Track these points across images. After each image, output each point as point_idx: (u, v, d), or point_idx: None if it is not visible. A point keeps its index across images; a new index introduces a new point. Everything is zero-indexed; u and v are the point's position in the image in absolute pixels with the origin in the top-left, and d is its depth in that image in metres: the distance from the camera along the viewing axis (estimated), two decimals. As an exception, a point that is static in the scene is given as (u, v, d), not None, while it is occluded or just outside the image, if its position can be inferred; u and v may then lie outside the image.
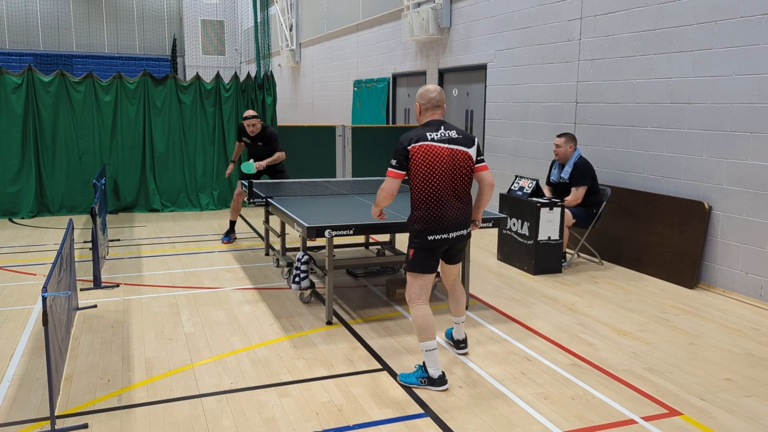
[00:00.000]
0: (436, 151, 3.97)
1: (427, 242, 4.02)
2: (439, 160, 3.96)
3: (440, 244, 4.04)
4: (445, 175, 3.97)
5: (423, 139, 3.97)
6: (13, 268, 6.86)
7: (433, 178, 3.96)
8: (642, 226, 6.97)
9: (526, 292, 6.17)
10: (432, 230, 4.00)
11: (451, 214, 4.01)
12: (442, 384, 4.02)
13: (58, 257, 3.93)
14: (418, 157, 3.95)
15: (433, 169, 3.95)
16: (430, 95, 4.10)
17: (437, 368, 4.03)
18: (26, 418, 3.64)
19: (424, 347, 4.04)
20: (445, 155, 3.97)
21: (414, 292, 4.11)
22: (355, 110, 14.87)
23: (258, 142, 8.07)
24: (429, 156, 3.95)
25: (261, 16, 12.02)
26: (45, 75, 9.74)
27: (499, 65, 9.49)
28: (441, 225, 4.00)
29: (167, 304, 5.71)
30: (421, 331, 4.04)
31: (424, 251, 4.05)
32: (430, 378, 4.03)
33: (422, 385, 4.04)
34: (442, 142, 4.00)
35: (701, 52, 6.35)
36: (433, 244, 4.03)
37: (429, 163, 3.95)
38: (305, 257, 5.57)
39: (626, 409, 3.81)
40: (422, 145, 3.96)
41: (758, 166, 5.87)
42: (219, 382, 4.13)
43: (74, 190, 9.98)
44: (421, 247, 4.05)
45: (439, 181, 3.96)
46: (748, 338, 5.01)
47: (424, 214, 4.00)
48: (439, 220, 3.99)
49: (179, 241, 8.28)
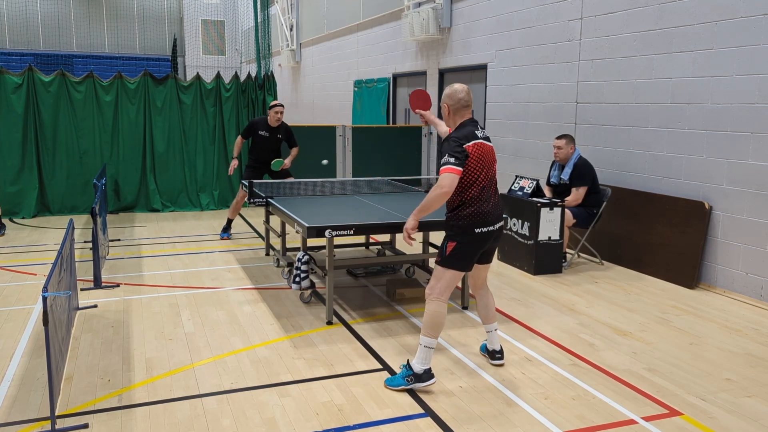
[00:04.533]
0: (485, 148, 4.03)
1: (474, 235, 3.99)
2: (488, 157, 4.04)
3: (487, 236, 4.04)
4: (490, 171, 4.06)
5: (474, 137, 3.99)
6: (14, 268, 6.86)
7: (484, 175, 4.00)
8: (642, 226, 6.97)
9: (527, 292, 6.17)
10: (480, 223, 4.00)
11: (493, 207, 4.06)
12: (430, 378, 3.97)
13: (59, 257, 3.93)
14: (474, 155, 3.96)
15: (484, 166, 4.00)
16: (458, 96, 4.06)
17: (426, 364, 3.97)
18: (26, 418, 3.64)
19: (426, 343, 3.98)
20: (491, 152, 4.08)
21: (440, 287, 4.02)
22: (355, 110, 14.87)
23: (278, 134, 8.13)
24: (481, 154, 4.00)
25: (261, 16, 12.04)
26: (45, 75, 9.74)
27: (500, 65, 9.49)
28: (488, 218, 4.02)
29: (167, 304, 5.71)
30: (431, 328, 3.98)
31: (470, 245, 4.02)
32: (416, 374, 3.96)
33: (409, 384, 3.96)
34: (485, 139, 4.07)
35: (702, 52, 6.35)
36: (481, 236, 4.01)
37: (482, 161, 3.99)
38: (305, 257, 5.57)
39: (626, 409, 3.81)
40: (475, 143, 3.98)
41: (758, 166, 5.87)
42: (219, 382, 4.13)
43: (75, 190, 9.98)
44: (467, 241, 4.00)
45: (487, 177, 4.03)
46: (749, 338, 5.01)
47: (474, 210, 3.98)
48: (486, 214, 4.01)
49: (179, 241, 8.28)
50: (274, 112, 8.02)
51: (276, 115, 8.01)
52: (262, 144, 8.12)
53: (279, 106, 8.09)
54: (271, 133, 8.09)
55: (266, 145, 8.11)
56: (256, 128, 8.15)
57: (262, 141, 8.12)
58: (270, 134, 8.09)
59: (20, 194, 9.67)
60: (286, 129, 8.22)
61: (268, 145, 8.12)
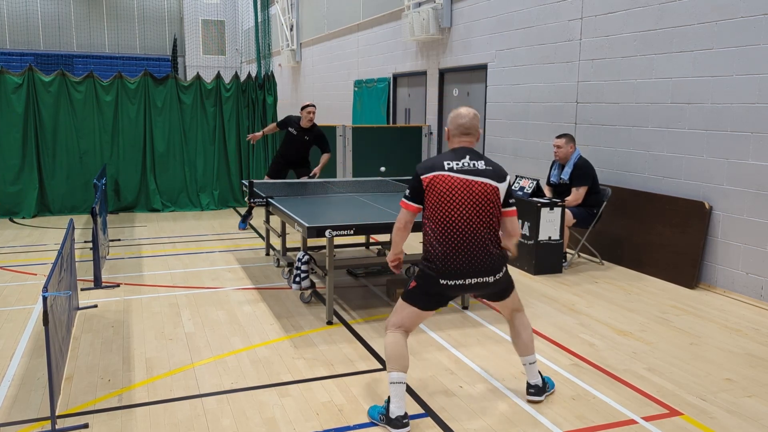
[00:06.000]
0: (452, 182, 3.45)
1: (437, 286, 3.50)
2: (455, 193, 3.45)
3: (453, 290, 3.52)
4: (463, 211, 3.44)
5: (439, 168, 3.48)
6: (14, 268, 6.86)
7: (448, 214, 3.45)
8: (642, 226, 6.97)
9: (527, 292, 6.17)
10: (445, 274, 3.46)
11: (470, 256, 3.46)
12: (399, 427, 3.43)
13: (59, 257, 3.93)
14: (432, 189, 3.47)
15: (448, 203, 3.44)
16: (459, 121, 3.60)
17: (400, 407, 3.47)
18: (27, 417, 3.64)
19: (392, 378, 3.51)
20: (463, 188, 3.45)
21: (395, 320, 3.62)
22: (355, 110, 14.87)
23: (305, 136, 7.99)
24: (443, 188, 3.45)
25: (261, 16, 12.04)
26: (46, 75, 9.75)
27: (500, 65, 9.49)
28: (457, 268, 3.45)
29: (168, 304, 5.71)
30: (388, 360, 3.55)
31: (428, 293, 3.55)
32: (389, 417, 3.48)
33: (380, 423, 3.54)
34: (462, 172, 3.47)
35: (701, 52, 6.35)
36: (444, 289, 3.51)
37: (443, 197, 3.45)
38: (306, 257, 5.57)
39: (626, 409, 3.81)
40: (436, 175, 3.47)
41: (759, 166, 5.87)
42: (219, 382, 4.13)
43: (75, 190, 9.98)
44: (426, 288, 3.54)
45: (457, 217, 3.44)
46: (749, 338, 5.01)
47: (437, 254, 3.47)
48: (454, 262, 3.44)
49: (180, 241, 8.28)
50: (306, 112, 7.92)
51: (308, 115, 7.90)
52: (290, 142, 8.08)
53: (310, 106, 7.94)
54: (299, 132, 7.99)
55: (293, 143, 8.05)
56: (288, 124, 8.12)
57: (290, 138, 8.08)
58: (298, 133, 7.99)
59: (20, 194, 9.68)
60: (319, 133, 8.05)
61: (294, 144, 8.04)
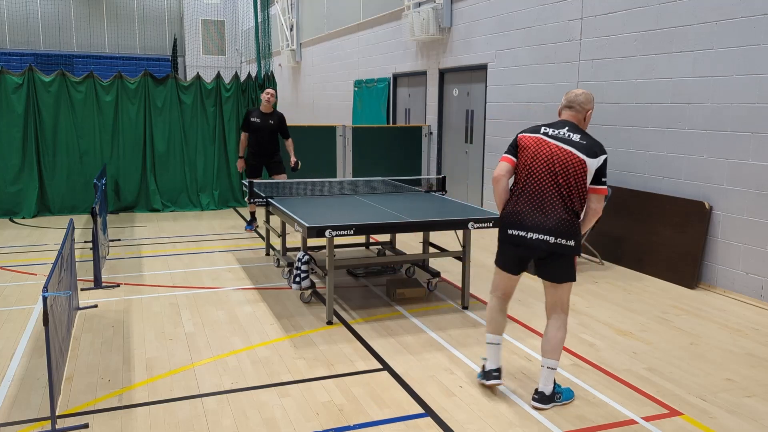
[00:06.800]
0: (540, 144, 3.77)
1: (505, 235, 3.87)
2: (541, 155, 3.75)
3: (518, 241, 3.79)
4: (542, 173, 3.73)
5: (535, 131, 3.85)
6: (14, 268, 6.86)
7: (530, 172, 3.77)
8: (643, 226, 6.97)
9: (527, 292, 6.16)
10: (512, 224, 3.82)
11: (536, 213, 3.73)
12: (489, 379, 3.98)
13: (59, 257, 3.93)
14: (524, 148, 3.82)
15: (532, 162, 3.77)
16: (567, 95, 3.94)
17: (493, 362, 4.00)
18: (27, 417, 3.64)
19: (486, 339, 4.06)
20: (549, 151, 3.74)
21: (492, 285, 4.09)
22: (355, 110, 14.87)
23: (269, 120, 8.31)
24: (533, 149, 3.78)
25: (261, 16, 12.06)
26: (46, 75, 9.75)
27: (500, 65, 9.48)
28: (520, 221, 3.78)
29: (168, 303, 5.71)
30: (486, 322, 4.08)
31: (503, 244, 3.92)
32: (483, 371, 4.07)
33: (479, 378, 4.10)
34: (555, 138, 3.76)
35: (702, 52, 6.34)
36: (511, 238, 3.83)
37: (531, 156, 3.78)
38: (306, 257, 5.57)
39: (626, 409, 3.81)
40: (531, 136, 3.82)
41: (759, 166, 5.87)
42: (219, 382, 4.13)
43: (75, 190, 9.98)
44: (500, 243, 3.94)
45: (535, 176, 3.75)
46: (749, 338, 5.01)
47: (511, 207, 3.85)
48: (519, 214, 3.78)
49: (180, 241, 8.28)
50: (265, 94, 8.27)
51: (266, 96, 8.25)
52: (257, 132, 8.34)
53: (269, 89, 8.34)
54: (263, 119, 8.31)
55: (260, 132, 8.32)
56: (249, 116, 8.42)
57: (256, 129, 8.35)
58: (261, 120, 8.31)
59: (20, 194, 9.67)
60: (280, 115, 8.44)
61: (262, 132, 8.32)
